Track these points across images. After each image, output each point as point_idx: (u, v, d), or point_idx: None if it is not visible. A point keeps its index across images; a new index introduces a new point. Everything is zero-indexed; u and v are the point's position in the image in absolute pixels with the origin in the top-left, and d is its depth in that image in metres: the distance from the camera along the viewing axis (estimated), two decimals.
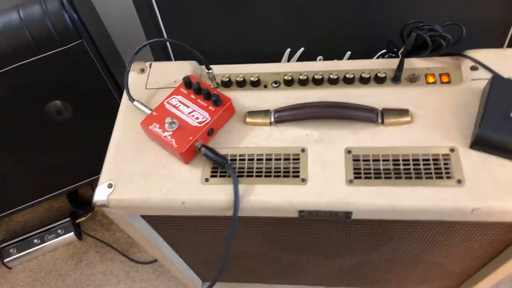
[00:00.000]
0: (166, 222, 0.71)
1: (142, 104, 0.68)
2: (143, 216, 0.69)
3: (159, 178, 0.63)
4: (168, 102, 0.65)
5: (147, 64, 0.75)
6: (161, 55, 0.90)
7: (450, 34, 0.68)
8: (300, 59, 0.87)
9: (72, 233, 1.33)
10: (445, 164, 0.58)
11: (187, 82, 0.65)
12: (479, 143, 0.57)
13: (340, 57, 0.87)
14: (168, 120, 0.61)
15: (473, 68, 0.66)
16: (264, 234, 0.73)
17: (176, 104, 0.65)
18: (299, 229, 0.69)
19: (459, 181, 0.56)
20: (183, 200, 0.60)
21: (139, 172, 0.64)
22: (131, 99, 0.69)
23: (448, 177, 0.57)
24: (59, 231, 1.34)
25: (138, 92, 0.72)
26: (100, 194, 0.62)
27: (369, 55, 0.86)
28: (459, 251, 0.72)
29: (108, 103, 1.01)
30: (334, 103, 0.63)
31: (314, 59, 0.87)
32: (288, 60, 0.88)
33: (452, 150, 0.59)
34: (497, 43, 0.83)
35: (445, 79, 0.67)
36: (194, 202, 0.60)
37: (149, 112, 0.66)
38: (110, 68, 0.99)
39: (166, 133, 0.62)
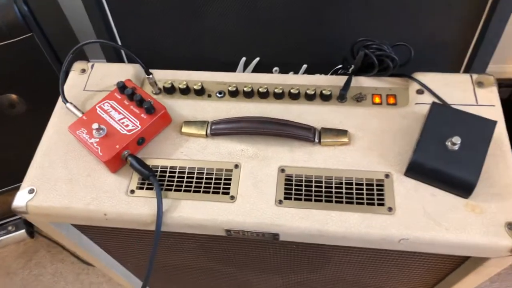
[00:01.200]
0: (96, 229, 0.68)
1: (74, 106, 0.65)
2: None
3: (84, 186, 0.59)
4: (100, 107, 0.62)
5: (89, 64, 0.72)
6: (112, 57, 0.87)
7: (401, 54, 0.66)
8: (255, 69, 0.85)
9: (23, 231, 1.29)
10: (378, 190, 0.56)
11: (121, 87, 0.62)
12: (413, 171, 0.55)
13: (296, 69, 0.84)
14: (95, 126, 0.58)
15: (419, 92, 0.64)
16: (196, 248, 0.70)
17: (108, 109, 0.62)
18: (231, 246, 0.66)
19: (389, 209, 0.54)
20: (105, 212, 0.57)
21: (64, 179, 0.60)
22: (65, 100, 0.65)
23: (380, 204, 0.55)
24: (10, 227, 1.29)
25: (75, 94, 0.68)
26: (20, 200, 0.59)
27: (325, 70, 0.84)
28: (397, 277, 0.70)
29: None
30: (271, 119, 0.60)
31: (270, 70, 0.85)
32: (244, 70, 0.86)
33: (387, 176, 0.57)
34: (455, 66, 0.81)
35: (391, 100, 0.65)
36: (116, 214, 0.57)
37: (80, 115, 0.63)
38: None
39: (92, 140, 0.59)
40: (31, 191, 0.59)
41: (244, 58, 0.84)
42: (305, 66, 0.84)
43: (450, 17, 0.74)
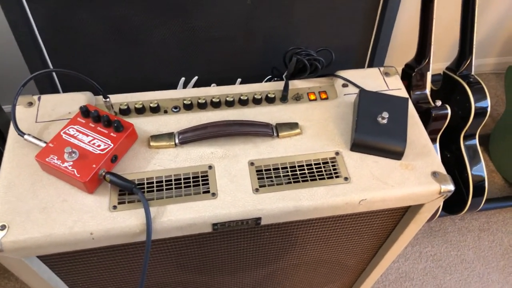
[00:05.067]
0: (69, 261, 0.67)
1: (34, 137, 0.64)
2: (40, 257, 0.64)
3: (62, 211, 0.59)
4: (65, 133, 0.63)
5: (35, 97, 0.72)
6: (47, 89, 0.86)
7: (323, 57, 0.80)
8: (194, 87, 0.91)
9: None
10: (332, 165, 0.67)
11: (85, 111, 0.64)
12: (357, 146, 0.68)
13: (232, 83, 0.94)
14: (67, 149, 0.59)
15: (344, 85, 0.78)
16: (176, 258, 0.73)
17: (75, 134, 0.63)
18: (212, 246, 0.70)
19: (346, 179, 0.65)
20: (91, 231, 0.58)
21: (37, 208, 0.59)
22: (21, 133, 0.64)
23: (337, 176, 0.65)
24: None
25: (27, 127, 0.67)
26: None
27: (257, 80, 0.94)
28: (352, 244, 0.82)
29: None
30: (234, 121, 0.68)
31: (208, 85, 0.92)
32: (184, 86, 0.92)
33: (337, 153, 0.68)
34: (360, 64, 0.99)
35: (323, 95, 0.77)
36: (103, 231, 0.58)
37: (43, 145, 0.62)
38: None
39: (66, 164, 0.59)
40: (2, 227, 0.57)
41: (183, 78, 0.90)
42: (239, 80, 0.93)
43: (351, 26, 0.91)
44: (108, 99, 0.69)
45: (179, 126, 0.70)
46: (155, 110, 0.72)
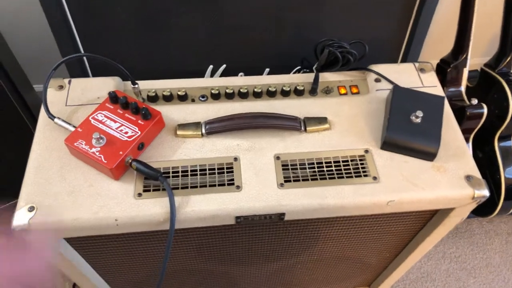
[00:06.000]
0: (93, 244, 0.68)
1: (63, 121, 0.65)
2: (67, 239, 0.65)
3: (88, 196, 0.60)
4: (93, 118, 0.63)
5: (66, 80, 0.72)
6: (77, 73, 0.86)
7: (355, 50, 0.77)
8: (222, 75, 0.90)
9: None
10: (361, 164, 0.65)
11: (113, 97, 0.64)
12: (388, 145, 0.65)
13: (260, 73, 0.92)
14: (95, 135, 0.59)
15: (376, 80, 0.75)
16: (197, 247, 0.73)
17: (103, 119, 0.63)
18: (233, 237, 0.70)
19: (374, 178, 0.63)
20: (116, 217, 0.58)
21: (64, 192, 0.60)
22: (51, 116, 0.65)
23: (365, 175, 0.64)
24: None
25: (58, 110, 0.68)
26: (20, 219, 0.57)
27: (285, 71, 0.93)
28: (376, 243, 0.80)
29: (17, 123, 0.93)
30: (261, 113, 0.67)
31: (236, 75, 0.91)
32: (211, 76, 0.91)
33: (366, 151, 0.66)
34: (394, 58, 0.95)
35: (354, 90, 0.75)
36: (127, 218, 0.59)
37: (72, 129, 0.63)
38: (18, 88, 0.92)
39: (93, 149, 0.60)
40: (31, 209, 0.58)
41: (211, 66, 0.89)
42: (267, 69, 0.92)
43: (386, 18, 0.87)
44: (136, 85, 0.69)
45: (206, 116, 0.69)
46: (183, 98, 0.72)
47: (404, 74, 0.76)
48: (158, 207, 0.59)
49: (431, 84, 0.75)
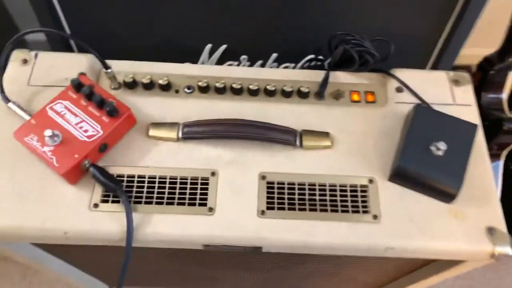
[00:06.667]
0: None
1: (19, 107, 0.55)
2: None
3: (37, 201, 0.52)
4: (51, 108, 0.53)
5: (32, 53, 0.62)
6: (62, 48, 0.76)
7: (378, 48, 0.63)
8: (221, 57, 0.78)
9: None
10: (362, 196, 0.54)
11: (76, 85, 0.54)
12: (398, 177, 0.54)
13: (265, 58, 0.79)
14: (47, 133, 0.50)
15: (398, 90, 0.62)
16: (171, 256, 0.66)
17: (62, 111, 0.53)
18: (204, 258, 0.62)
19: (375, 217, 0.52)
20: (66, 230, 0.50)
21: (12, 193, 0.52)
22: (5, 99, 0.56)
23: (365, 212, 0.53)
24: None
25: (18, 89, 0.59)
26: None
27: (295, 59, 0.80)
28: (372, 271, 0.71)
29: None
30: (250, 122, 0.56)
31: (237, 58, 0.79)
32: (210, 55, 0.79)
33: (370, 181, 0.55)
34: (424, 58, 0.81)
35: (370, 98, 0.62)
36: (78, 232, 0.51)
37: (27, 118, 0.54)
38: None
39: (46, 148, 0.51)
40: None
41: (209, 45, 0.77)
42: (275, 55, 0.79)
43: (422, 10, 0.72)
44: (109, 70, 0.58)
45: (187, 115, 0.58)
46: (165, 88, 0.61)
47: (433, 85, 0.62)
48: (115, 223, 0.51)
49: (464, 102, 0.61)
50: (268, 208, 0.53)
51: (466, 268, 0.58)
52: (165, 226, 0.51)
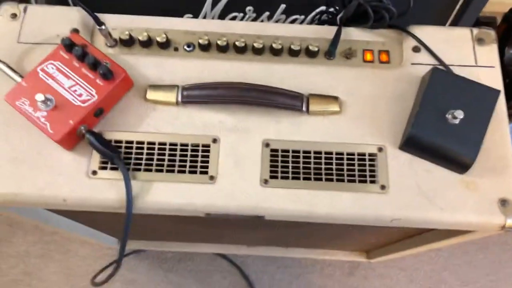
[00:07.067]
0: None
1: (9, 67, 0.52)
2: None
3: (34, 167, 0.50)
4: (42, 70, 0.50)
5: (21, 7, 0.58)
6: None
7: (396, 1, 0.58)
8: (225, 8, 0.73)
9: None
10: (370, 165, 0.51)
11: (67, 45, 0.50)
12: (409, 145, 0.51)
13: (272, 9, 0.74)
14: (39, 97, 0.47)
15: (415, 50, 0.57)
16: (172, 218, 0.65)
17: (54, 73, 0.50)
18: (211, 220, 0.62)
19: (382, 187, 0.50)
20: (64, 197, 0.50)
21: (7, 158, 0.51)
22: None
23: (372, 182, 0.51)
24: None
25: (7, 47, 0.55)
26: None
27: (305, 11, 0.74)
28: (376, 235, 0.70)
29: None
30: (254, 86, 0.52)
31: (243, 9, 0.73)
32: (213, 6, 0.73)
33: (380, 149, 0.52)
34: (447, 10, 0.74)
35: (384, 58, 0.58)
36: (77, 199, 0.50)
37: (18, 79, 0.51)
38: None
39: (38, 113, 0.48)
40: None
41: None
42: (283, 6, 0.73)
43: None
44: (103, 27, 0.54)
45: (187, 76, 0.55)
46: (164, 45, 0.57)
47: (454, 45, 0.57)
48: (114, 191, 0.50)
49: (487, 64, 0.56)
50: (271, 177, 0.51)
51: (475, 236, 0.57)
52: (165, 195, 0.50)
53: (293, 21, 0.75)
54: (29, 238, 1.14)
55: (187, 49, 0.58)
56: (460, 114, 0.48)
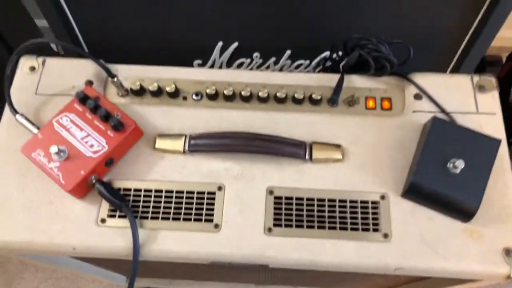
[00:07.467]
0: None
1: (26, 119, 0.55)
2: None
3: (46, 216, 0.52)
4: (57, 122, 0.53)
5: (40, 60, 0.61)
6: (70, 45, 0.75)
7: (397, 51, 0.59)
8: (234, 54, 0.76)
9: None
10: (373, 213, 0.52)
11: (81, 98, 0.53)
12: (411, 193, 0.52)
13: (278, 55, 0.76)
14: (53, 149, 0.50)
15: (416, 97, 0.59)
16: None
17: (68, 125, 0.53)
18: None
19: (385, 235, 0.51)
20: (74, 246, 0.51)
21: (21, 207, 0.53)
22: (14, 111, 0.56)
23: (375, 230, 0.51)
24: None
25: (26, 100, 0.58)
26: None
27: (310, 56, 0.76)
28: (379, 281, 0.70)
29: None
30: (258, 135, 0.54)
31: (250, 55, 0.76)
32: (221, 53, 0.77)
33: (383, 197, 0.53)
34: (449, 54, 0.76)
35: (386, 105, 0.59)
36: (86, 248, 0.51)
37: (35, 131, 0.54)
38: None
39: (52, 164, 0.51)
40: None
41: (220, 43, 0.74)
42: (288, 52, 0.76)
43: (449, 6, 0.67)
44: (115, 79, 0.57)
45: (195, 125, 0.57)
46: (173, 95, 0.59)
47: (455, 92, 0.58)
48: (122, 239, 0.51)
49: (488, 110, 0.57)
50: (275, 225, 0.52)
51: (480, 284, 0.57)
52: (171, 243, 0.51)
53: (298, 66, 0.78)
54: (40, 275, 1.16)
55: (195, 98, 0.60)
56: (461, 163, 0.49)
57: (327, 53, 0.75)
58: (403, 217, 0.52)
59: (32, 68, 0.61)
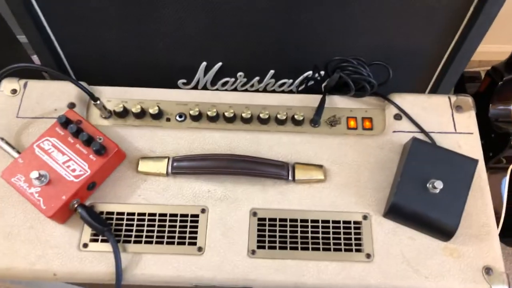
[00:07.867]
0: None
1: (7, 143, 0.55)
2: None
3: (26, 241, 0.52)
4: (38, 146, 0.53)
5: (21, 82, 0.61)
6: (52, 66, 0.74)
7: (377, 72, 0.61)
8: (218, 73, 0.76)
9: None
10: (356, 233, 0.52)
11: (63, 122, 0.53)
12: (393, 213, 0.52)
13: (262, 75, 0.77)
14: (34, 175, 0.49)
15: (396, 117, 0.60)
16: None
17: (49, 149, 0.53)
18: None
19: (368, 256, 0.51)
20: (55, 272, 0.50)
21: (1, 233, 0.52)
22: None
23: (358, 250, 0.52)
24: None
25: (7, 123, 0.58)
26: None
27: (293, 75, 0.77)
28: None
29: None
30: (241, 157, 0.54)
31: (234, 75, 0.77)
32: (205, 72, 0.77)
33: (365, 217, 0.53)
34: (428, 72, 0.77)
35: (367, 124, 0.60)
36: (67, 274, 0.51)
37: (16, 155, 0.53)
38: None
39: (33, 189, 0.50)
40: None
41: (204, 63, 0.75)
42: (272, 71, 0.77)
43: (426, 24, 0.69)
44: (98, 102, 0.57)
45: (178, 147, 0.57)
46: (156, 116, 0.60)
47: (433, 112, 0.60)
48: (104, 264, 0.51)
49: (465, 130, 0.59)
50: (258, 247, 0.52)
51: None
52: (154, 267, 0.51)
53: (282, 85, 0.79)
54: None
55: (179, 119, 0.60)
56: (439, 184, 0.50)
57: (309, 72, 0.76)
58: (385, 237, 0.52)
59: (14, 91, 0.60)
